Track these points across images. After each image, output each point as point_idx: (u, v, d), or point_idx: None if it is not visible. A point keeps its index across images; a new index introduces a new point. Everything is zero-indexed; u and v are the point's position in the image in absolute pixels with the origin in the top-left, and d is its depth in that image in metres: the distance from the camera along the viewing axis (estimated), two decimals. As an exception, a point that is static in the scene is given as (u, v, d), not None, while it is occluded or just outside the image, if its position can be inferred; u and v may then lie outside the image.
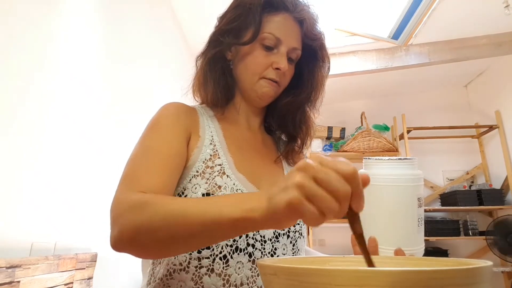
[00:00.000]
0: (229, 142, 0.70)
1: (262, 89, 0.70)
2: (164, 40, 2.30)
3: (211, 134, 0.69)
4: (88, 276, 1.20)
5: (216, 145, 0.67)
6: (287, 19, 0.70)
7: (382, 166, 0.58)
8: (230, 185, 0.63)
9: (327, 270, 0.28)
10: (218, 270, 0.57)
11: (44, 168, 1.06)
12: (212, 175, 0.63)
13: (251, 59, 0.70)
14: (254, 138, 0.77)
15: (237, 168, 0.66)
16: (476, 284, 0.28)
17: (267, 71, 0.69)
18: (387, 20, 2.67)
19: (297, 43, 0.71)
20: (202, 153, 0.65)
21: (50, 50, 1.12)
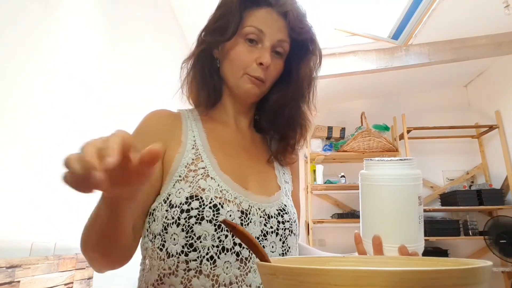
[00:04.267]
0: (212, 144, 0.70)
1: (246, 85, 0.69)
2: (164, 40, 2.30)
3: (194, 138, 0.69)
4: (88, 276, 1.20)
5: (199, 149, 0.67)
6: (269, 12, 0.69)
7: (383, 167, 0.59)
8: (215, 186, 0.63)
9: (326, 270, 0.28)
10: (206, 271, 0.58)
11: (44, 168, 1.06)
12: (195, 178, 0.63)
13: (234, 54, 0.69)
14: (242, 138, 0.76)
15: (221, 169, 0.66)
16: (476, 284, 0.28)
17: (251, 68, 0.68)
18: (387, 20, 2.67)
19: (282, 35, 0.69)
20: (184, 157, 0.65)
21: (51, 50, 1.12)
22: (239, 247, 0.60)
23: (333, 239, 3.46)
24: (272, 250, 0.64)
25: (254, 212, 0.64)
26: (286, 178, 0.78)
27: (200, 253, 0.58)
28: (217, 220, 0.59)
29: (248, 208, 0.63)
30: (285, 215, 0.67)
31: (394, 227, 0.58)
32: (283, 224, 0.66)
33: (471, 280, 0.28)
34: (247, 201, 0.64)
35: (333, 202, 3.64)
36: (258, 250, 0.38)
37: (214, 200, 0.61)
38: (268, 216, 0.65)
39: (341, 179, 3.39)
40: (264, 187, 0.69)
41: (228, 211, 0.61)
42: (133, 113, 1.71)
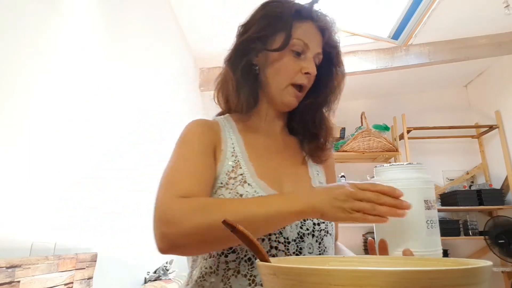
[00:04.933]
0: (249, 151, 0.73)
1: (288, 97, 0.74)
2: (165, 42, 2.30)
3: (233, 145, 0.73)
4: (88, 276, 1.20)
5: (238, 156, 0.71)
6: (312, 27, 0.75)
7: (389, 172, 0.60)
8: (251, 192, 0.66)
9: (326, 270, 0.28)
10: (244, 272, 0.62)
11: (44, 168, 1.06)
12: (234, 185, 0.67)
13: (281, 65, 0.73)
14: (275, 142, 0.80)
15: (258, 175, 0.70)
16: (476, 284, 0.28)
17: (297, 77, 0.73)
18: (387, 20, 2.67)
19: (319, 49, 0.75)
20: (224, 165, 0.70)
21: (51, 50, 1.12)
22: (275, 250, 0.64)
23: (333, 239, 3.45)
24: (309, 252, 0.66)
25: None
26: (321, 179, 0.80)
27: (238, 255, 0.63)
28: None
29: None
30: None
31: (398, 231, 0.57)
32: (318, 226, 0.69)
33: (471, 280, 0.28)
34: None
35: (333, 202, 3.63)
36: (258, 250, 0.38)
37: None
38: (304, 219, 0.68)
39: (341, 179, 3.39)
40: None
41: None
42: (133, 114, 1.72)
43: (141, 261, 1.73)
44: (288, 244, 0.64)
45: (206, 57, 2.98)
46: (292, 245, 0.65)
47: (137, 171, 1.72)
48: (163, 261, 1.92)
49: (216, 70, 3.13)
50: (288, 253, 0.64)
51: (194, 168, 0.65)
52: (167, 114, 2.26)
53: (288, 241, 0.65)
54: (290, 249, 0.64)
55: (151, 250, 1.94)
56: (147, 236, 1.82)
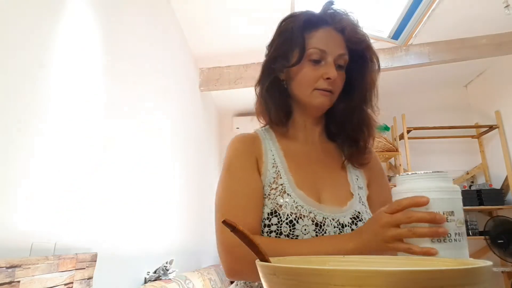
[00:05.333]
0: (289, 161, 0.76)
1: (317, 100, 0.75)
2: (165, 42, 2.30)
3: (273, 157, 0.76)
4: (88, 276, 1.20)
5: (278, 166, 0.75)
6: (328, 31, 0.76)
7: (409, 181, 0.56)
8: (291, 202, 0.69)
9: (326, 270, 0.28)
10: None
11: (44, 168, 1.06)
12: (275, 195, 0.70)
13: (302, 76, 0.75)
14: (314, 150, 0.81)
15: (297, 185, 0.72)
16: (476, 284, 0.28)
17: (319, 83, 0.74)
18: (387, 20, 2.67)
19: (341, 50, 0.75)
20: (267, 177, 0.74)
21: (51, 52, 1.12)
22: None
23: (333, 239, 3.45)
24: None
25: (328, 224, 0.68)
26: (360, 184, 0.81)
27: None
28: (293, 234, 0.66)
29: (323, 220, 0.68)
30: (359, 222, 0.71)
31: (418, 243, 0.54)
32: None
33: (471, 280, 0.28)
34: (321, 214, 0.69)
35: (333, 202, 3.64)
36: (258, 250, 0.38)
37: (290, 216, 0.67)
38: (342, 226, 0.69)
39: (341, 179, 3.38)
40: (337, 198, 0.74)
41: (303, 226, 0.67)
42: (133, 115, 1.72)
43: (141, 261, 1.73)
44: None
45: (206, 57, 2.98)
46: None
47: (137, 171, 1.72)
48: (163, 261, 1.92)
49: (216, 70, 3.13)
50: None
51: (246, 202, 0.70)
52: (167, 114, 2.26)
53: None
54: None
55: (151, 250, 1.94)
56: (147, 236, 1.82)
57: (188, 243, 2.61)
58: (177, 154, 2.40)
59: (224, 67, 3.08)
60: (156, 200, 1.93)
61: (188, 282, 1.89)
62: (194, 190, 2.85)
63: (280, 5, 2.36)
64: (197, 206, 2.93)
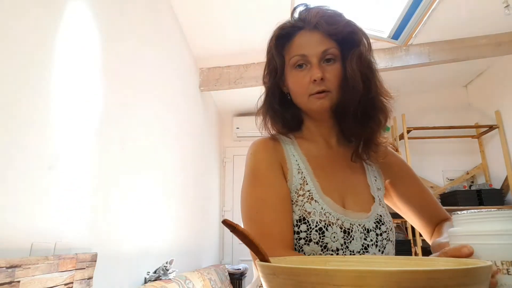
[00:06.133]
0: (313, 167, 0.76)
1: (314, 105, 0.75)
2: (165, 42, 2.30)
3: (297, 162, 0.76)
4: (88, 276, 1.20)
5: (303, 172, 0.75)
6: (303, 35, 0.76)
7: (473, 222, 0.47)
8: (319, 209, 0.70)
9: (326, 270, 0.28)
10: None
11: (44, 168, 1.06)
12: (302, 202, 0.71)
13: (294, 85, 0.77)
14: (335, 154, 0.81)
15: (324, 191, 0.72)
16: (476, 284, 0.28)
17: (310, 88, 0.74)
18: (387, 20, 2.66)
19: (323, 46, 0.74)
20: (293, 183, 0.73)
21: (51, 51, 1.12)
22: None
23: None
24: None
25: (355, 230, 0.69)
26: (379, 185, 0.81)
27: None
28: (322, 241, 0.67)
29: (350, 227, 0.69)
30: (382, 226, 0.72)
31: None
32: (381, 236, 0.71)
33: (471, 280, 0.28)
34: (348, 221, 0.70)
35: (333, 202, 3.64)
36: (258, 250, 0.38)
37: (319, 224, 0.68)
38: (368, 231, 0.70)
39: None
40: (361, 203, 0.74)
41: (332, 233, 0.68)
42: (134, 116, 1.72)
43: (141, 261, 1.73)
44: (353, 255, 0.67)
45: (206, 57, 2.98)
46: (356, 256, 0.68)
47: (137, 171, 1.72)
48: (163, 261, 1.92)
49: (216, 70, 3.13)
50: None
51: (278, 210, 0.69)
52: (167, 114, 2.26)
53: (353, 253, 0.68)
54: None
55: (151, 250, 1.94)
56: (147, 236, 1.82)
57: (188, 243, 2.61)
58: (177, 154, 2.40)
59: (224, 67, 3.08)
60: (156, 200, 1.93)
61: (188, 282, 1.89)
62: (194, 190, 2.85)
63: (280, 5, 2.36)
64: (197, 206, 2.93)
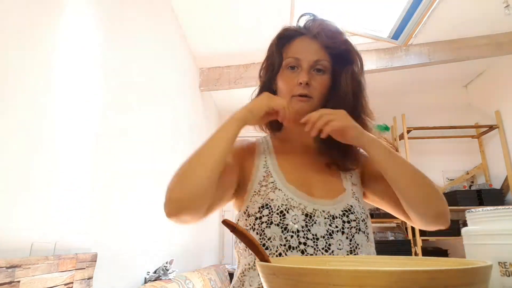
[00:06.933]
0: (281, 161, 0.80)
1: (296, 106, 0.78)
2: (165, 42, 2.30)
3: (265, 159, 0.80)
4: (88, 276, 1.20)
5: (269, 167, 0.78)
6: (303, 40, 0.81)
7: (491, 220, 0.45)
8: (281, 196, 0.72)
9: (326, 270, 0.28)
10: None
11: (44, 168, 1.06)
12: (266, 192, 0.74)
13: (282, 84, 0.82)
14: (308, 152, 0.84)
15: (288, 181, 0.75)
16: (476, 284, 0.28)
17: (295, 89, 0.78)
18: (387, 20, 2.67)
19: (317, 56, 0.79)
20: (257, 176, 0.77)
21: (51, 51, 1.12)
22: (303, 245, 0.67)
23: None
24: (339, 248, 0.69)
25: (318, 215, 0.71)
26: (354, 181, 0.82)
27: (271, 251, 0.68)
28: (283, 223, 0.69)
29: (313, 211, 0.71)
30: (351, 215, 0.73)
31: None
32: (348, 223, 0.72)
33: (471, 280, 0.28)
34: (311, 206, 0.71)
35: (333, 202, 3.63)
36: (258, 250, 0.38)
37: (281, 207, 0.70)
38: (333, 217, 0.71)
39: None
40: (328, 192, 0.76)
41: (293, 215, 0.69)
42: (133, 115, 1.72)
43: (141, 261, 1.73)
44: (317, 240, 0.68)
45: (206, 57, 2.98)
46: (321, 241, 0.68)
47: (137, 170, 1.72)
48: (163, 261, 1.92)
49: (216, 70, 3.13)
50: (317, 249, 0.67)
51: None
52: (167, 114, 2.26)
53: (316, 237, 0.68)
54: (319, 245, 0.68)
55: (151, 250, 1.94)
56: (147, 236, 1.82)
57: (188, 243, 2.61)
58: (177, 154, 2.40)
59: (224, 67, 3.08)
60: (156, 200, 1.93)
61: (188, 282, 1.89)
62: (194, 190, 2.84)
63: (280, 5, 2.36)
64: (197, 206, 2.93)
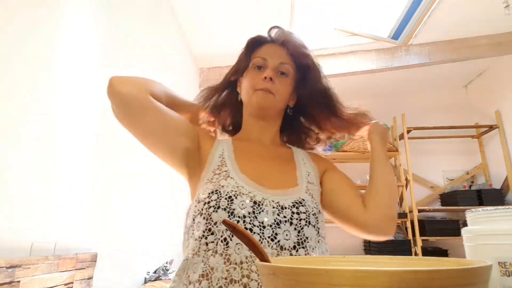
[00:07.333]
0: (237, 153, 0.82)
1: (257, 97, 0.83)
2: (165, 42, 2.30)
3: (222, 150, 0.82)
4: (88, 276, 1.20)
5: (225, 157, 0.80)
6: (271, 45, 0.89)
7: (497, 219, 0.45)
8: (232, 183, 0.72)
9: (326, 270, 0.28)
10: (220, 251, 0.66)
11: (44, 168, 1.06)
12: (218, 179, 0.74)
13: (246, 80, 0.86)
14: (266, 150, 0.87)
15: (241, 171, 0.76)
16: (476, 284, 0.28)
17: (258, 84, 0.83)
18: (387, 20, 2.67)
19: (283, 59, 0.86)
20: (211, 164, 0.79)
21: (51, 51, 1.12)
22: (249, 231, 0.67)
23: (333, 239, 3.44)
24: (286, 238, 0.69)
25: (267, 204, 0.71)
26: (311, 180, 0.84)
27: (216, 236, 0.68)
28: (230, 208, 0.69)
29: (262, 200, 0.71)
30: (301, 207, 0.73)
31: None
32: (298, 215, 0.72)
33: (471, 280, 0.28)
34: (261, 195, 0.72)
35: (333, 202, 3.63)
36: (258, 250, 0.38)
37: (230, 193, 0.70)
38: (282, 207, 0.72)
39: (341, 179, 3.38)
40: (281, 184, 0.78)
41: (241, 201, 0.70)
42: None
43: (141, 261, 1.73)
44: (264, 228, 0.68)
45: (206, 57, 2.98)
46: (267, 229, 0.68)
47: (137, 171, 1.72)
48: (163, 261, 1.92)
49: (216, 70, 3.13)
50: (263, 237, 0.67)
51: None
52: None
53: (263, 225, 0.68)
54: (265, 234, 0.67)
55: (151, 250, 1.94)
56: (147, 236, 1.82)
57: (188, 243, 2.61)
58: (177, 154, 2.40)
59: (224, 67, 3.08)
60: (156, 200, 1.93)
61: (188, 282, 1.89)
62: (194, 190, 2.85)
63: (280, 5, 2.36)
64: (197, 206, 2.93)
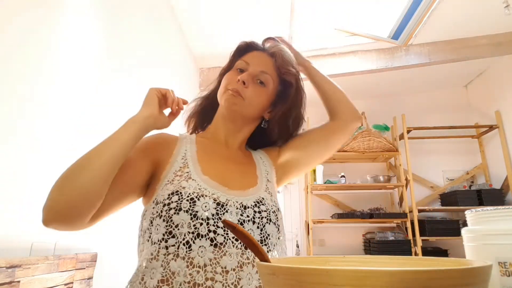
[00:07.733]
0: (200, 154, 0.80)
1: (225, 97, 0.82)
2: (165, 42, 2.30)
3: (185, 152, 0.80)
4: (88, 276, 1.20)
5: (187, 159, 0.77)
6: (259, 53, 0.89)
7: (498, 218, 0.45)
8: (194, 185, 0.70)
9: (325, 270, 0.28)
10: (182, 255, 0.64)
11: (44, 168, 1.06)
12: (179, 181, 0.72)
13: (224, 79, 0.86)
14: (230, 151, 0.87)
15: (203, 173, 0.75)
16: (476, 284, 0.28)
17: (232, 84, 0.83)
18: (387, 20, 2.67)
19: (264, 68, 0.85)
20: (173, 166, 0.76)
21: (51, 51, 1.12)
22: (213, 233, 0.66)
23: (333, 239, 3.45)
24: None
25: (231, 204, 0.71)
26: (270, 178, 0.85)
27: (177, 239, 0.65)
28: (192, 210, 0.66)
29: (226, 201, 0.71)
30: (262, 206, 0.74)
31: None
32: (259, 214, 0.73)
33: (471, 280, 0.28)
34: (224, 196, 0.72)
35: (333, 202, 3.64)
36: (258, 250, 0.38)
37: (192, 195, 0.68)
38: (244, 207, 0.72)
39: (341, 179, 3.38)
40: (242, 184, 0.78)
41: (204, 203, 0.68)
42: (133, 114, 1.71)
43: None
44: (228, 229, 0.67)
45: (206, 57, 2.98)
46: None
47: (137, 171, 1.72)
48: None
49: (216, 70, 3.13)
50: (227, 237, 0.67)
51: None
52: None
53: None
54: (230, 234, 0.67)
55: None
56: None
57: (188, 243, 2.61)
58: (177, 154, 2.40)
59: (224, 67, 3.08)
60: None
61: (188, 282, 1.89)
62: (194, 190, 2.85)
63: (280, 6, 2.36)
64: (197, 206, 2.93)
